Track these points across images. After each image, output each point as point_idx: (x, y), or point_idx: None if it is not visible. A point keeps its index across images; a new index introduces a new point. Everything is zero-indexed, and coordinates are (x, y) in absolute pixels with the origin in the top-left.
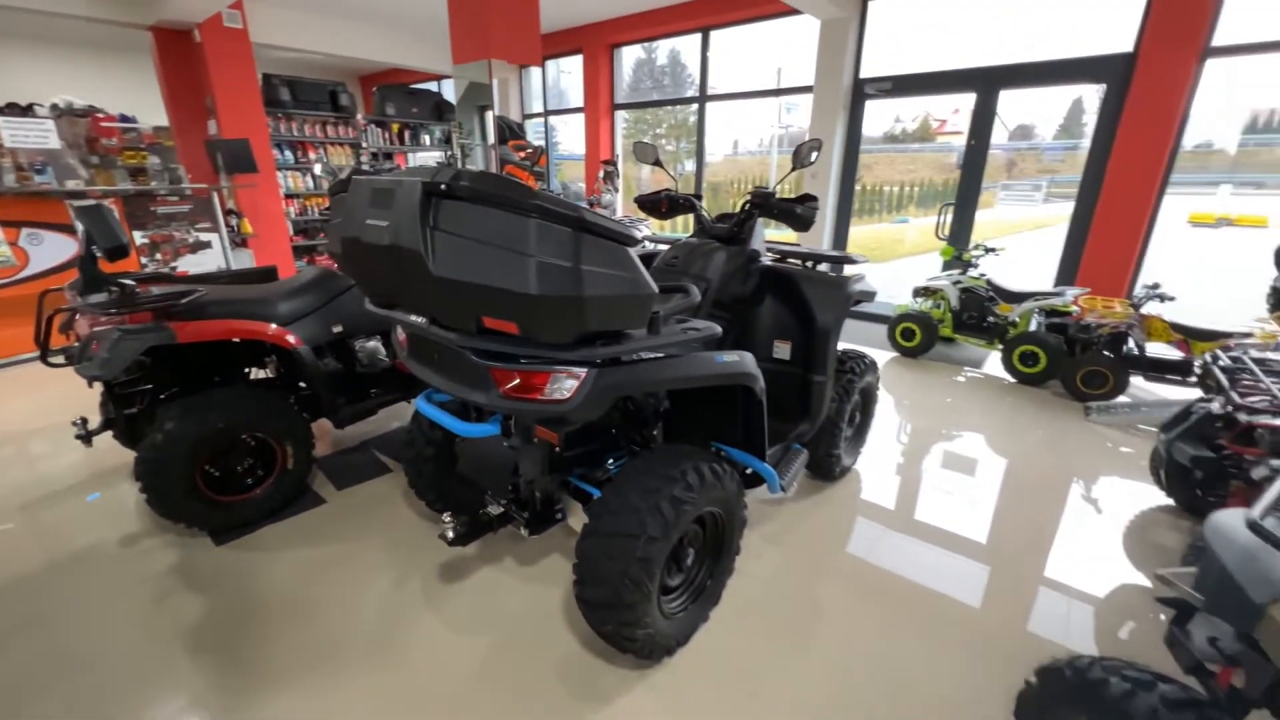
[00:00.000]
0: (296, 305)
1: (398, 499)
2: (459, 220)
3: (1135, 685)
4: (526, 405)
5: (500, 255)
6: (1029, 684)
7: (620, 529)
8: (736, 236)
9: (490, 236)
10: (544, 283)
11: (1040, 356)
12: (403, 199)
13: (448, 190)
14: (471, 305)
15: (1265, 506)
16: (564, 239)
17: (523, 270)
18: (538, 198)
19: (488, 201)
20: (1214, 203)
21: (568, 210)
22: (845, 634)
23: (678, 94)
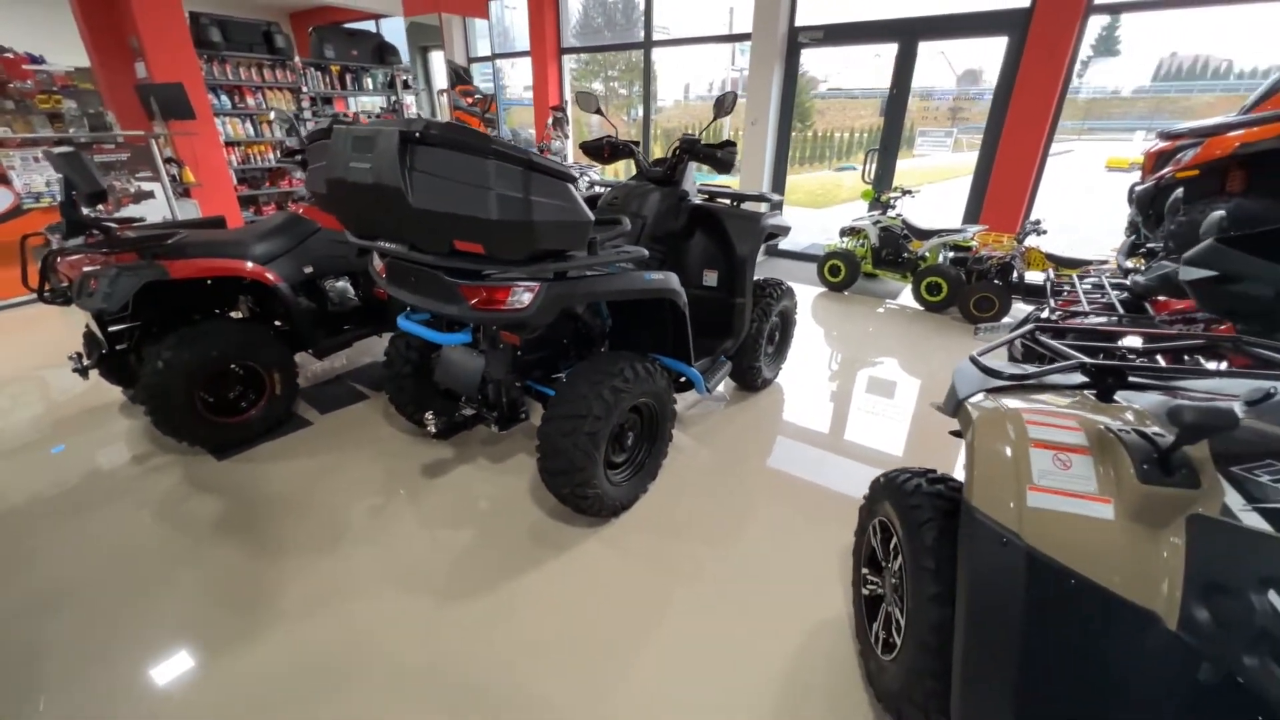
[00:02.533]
0: (270, 247)
1: (378, 419)
2: (431, 162)
3: (912, 476)
4: (492, 315)
5: (466, 189)
6: (866, 496)
7: (572, 412)
8: (669, 179)
9: (458, 174)
10: (502, 210)
11: (942, 286)
12: (383, 145)
13: (421, 137)
14: (445, 231)
15: (982, 350)
16: (516, 175)
17: (485, 200)
18: (494, 143)
19: (454, 146)
20: (1129, 149)
21: (518, 153)
22: (752, 502)
23: (631, 33)
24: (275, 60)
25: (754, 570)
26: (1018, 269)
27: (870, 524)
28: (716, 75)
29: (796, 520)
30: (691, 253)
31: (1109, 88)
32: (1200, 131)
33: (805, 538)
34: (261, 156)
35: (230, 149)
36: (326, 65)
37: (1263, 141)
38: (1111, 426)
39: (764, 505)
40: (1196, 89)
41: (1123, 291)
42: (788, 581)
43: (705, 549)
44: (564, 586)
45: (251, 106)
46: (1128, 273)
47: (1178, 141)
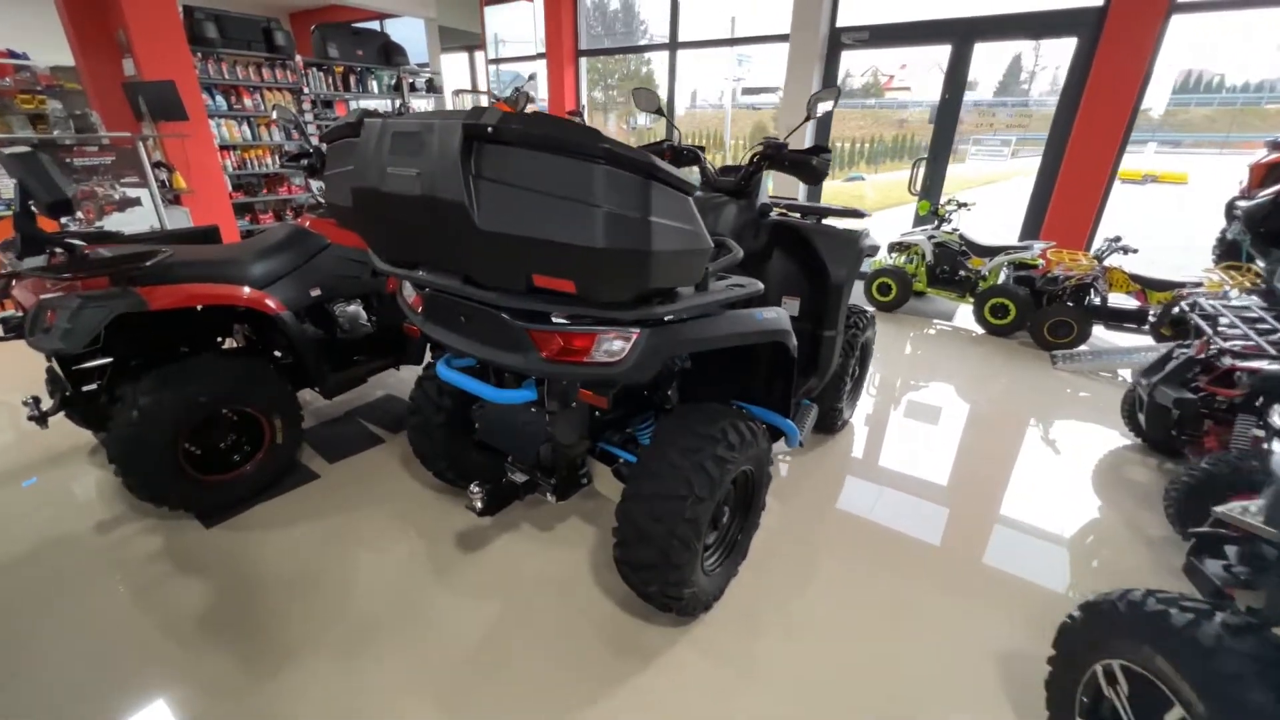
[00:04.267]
0: (271, 266)
1: (396, 468)
2: (508, 167)
3: (1196, 614)
4: (572, 369)
5: (560, 206)
6: (1072, 619)
7: (666, 491)
8: (744, 190)
9: (548, 185)
10: (611, 236)
11: (1010, 308)
12: (437, 144)
13: (495, 133)
14: (523, 262)
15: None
16: (633, 188)
17: (588, 222)
18: (607, 141)
19: (544, 146)
20: (1140, 160)
21: (638, 155)
22: (862, 580)
23: (629, 41)
24: (275, 59)
25: (896, 686)
26: (1100, 291)
27: (1098, 666)
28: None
29: (926, 599)
30: (769, 277)
31: None
32: None
33: (943, 626)
34: (259, 161)
35: (225, 153)
36: (330, 65)
37: None
38: None
39: (877, 580)
40: (1194, 102)
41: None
42: (942, 703)
43: (825, 652)
44: (658, 717)
45: (249, 108)
46: None
47: None
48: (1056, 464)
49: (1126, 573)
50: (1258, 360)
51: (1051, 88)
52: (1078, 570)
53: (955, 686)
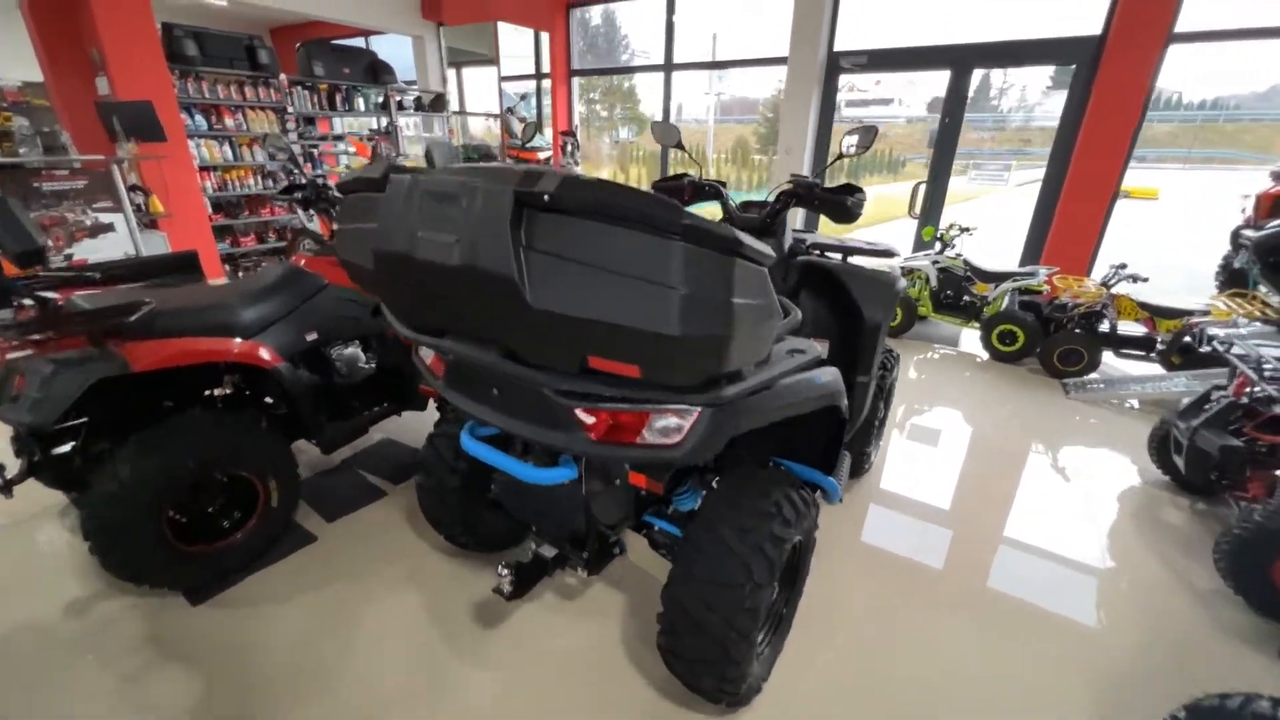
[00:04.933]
0: (265, 311)
1: (401, 526)
2: (567, 239)
3: None
4: (623, 450)
5: (628, 285)
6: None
7: (722, 577)
8: (769, 228)
9: (615, 262)
10: (689, 321)
11: (1019, 335)
12: (481, 209)
13: (553, 201)
14: (579, 344)
15: None
16: (715, 268)
17: (662, 306)
18: (687, 216)
19: (612, 218)
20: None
21: (721, 231)
22: (918, 644)
23: (612, 59)
24: (259, 77)
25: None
26: (1109, 318)
27: None
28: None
29: (979, 655)
30: None
31: None
32: None
33: (999, 687)
34: (240, 182)
35: (205, 174)
36: (315, 84)
37: None
38: None
39: (938, 644)
40: (1156, 118)
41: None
42: None
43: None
44: None
45: (230, 127)
46: None
47: None
48: (1090, 504)
49: (1179, 631)
50: None
51: (1019, 103)
52: (1128, 627)
53: None
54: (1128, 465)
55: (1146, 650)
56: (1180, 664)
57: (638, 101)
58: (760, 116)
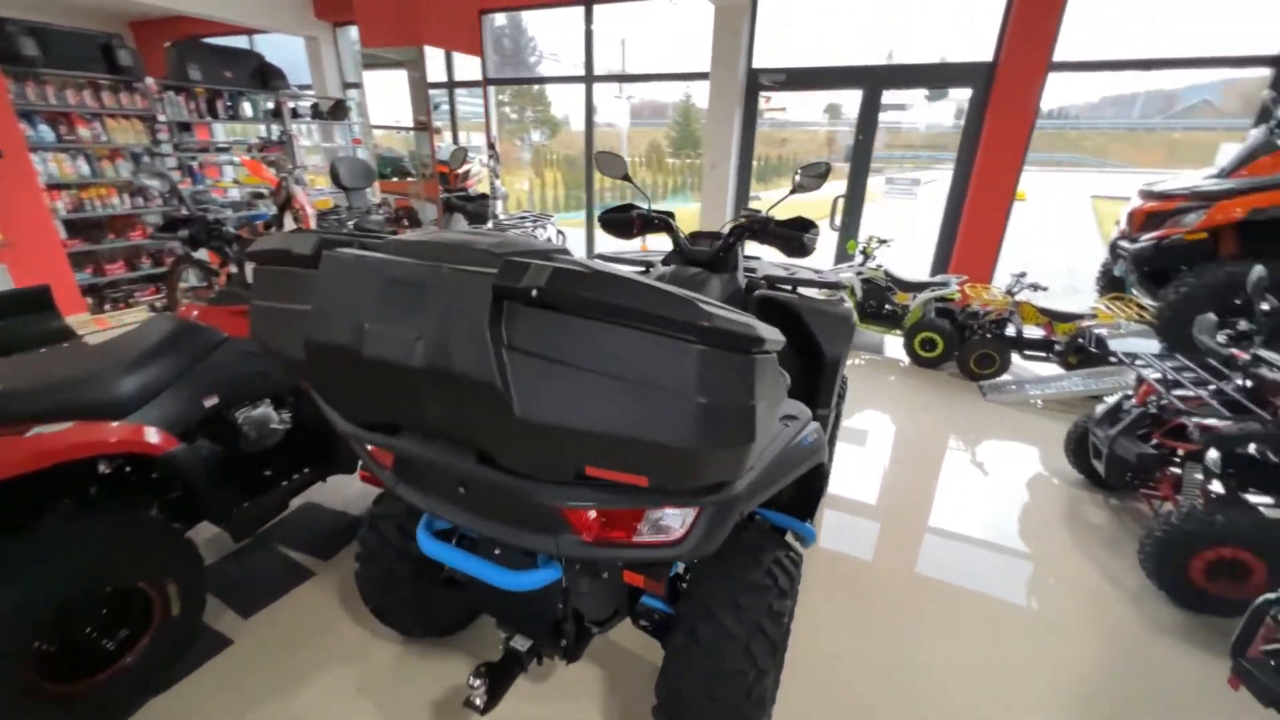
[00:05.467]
0: (147, 379)
1: (335, 614)
2: (560, 340)
3: None
4: (620, 552)
5: (636, 393)
6: None
7: (723, 666)
8: (722, 262)
9: (619, 367)
10: (709, 433)
11: (938, 342)
12: (452, 302)
13: (543, 296)
14: (575, 455)
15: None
16: (736, 370)
17: (678, 417)
18: (706, 316)
19: (616, 317)
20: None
21: (741, 329)
22: (849, 631)
23: (519, 60)
24: (119, 81)
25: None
26: (1015, 324)
27: None
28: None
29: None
30: None
31: None
32: (1201, 195)
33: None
34: (103, 201)
35: (55, 193)
36: (192, 88)
37: (1274, 209)
38: None
39: (873, 629)
40: (1049, 126)
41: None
42: None
43: None
44: None
45: (85, 139)
46: (1224, 357)
47: (1177, 203)
48: (1015, 502)
49: (1118, 629)
50: (1211, 419)
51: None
52: (1073, 627)
53: None
54: (1045, 465)
55: (1086, 644)
56: (1121, 657)
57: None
58: (671, 120)
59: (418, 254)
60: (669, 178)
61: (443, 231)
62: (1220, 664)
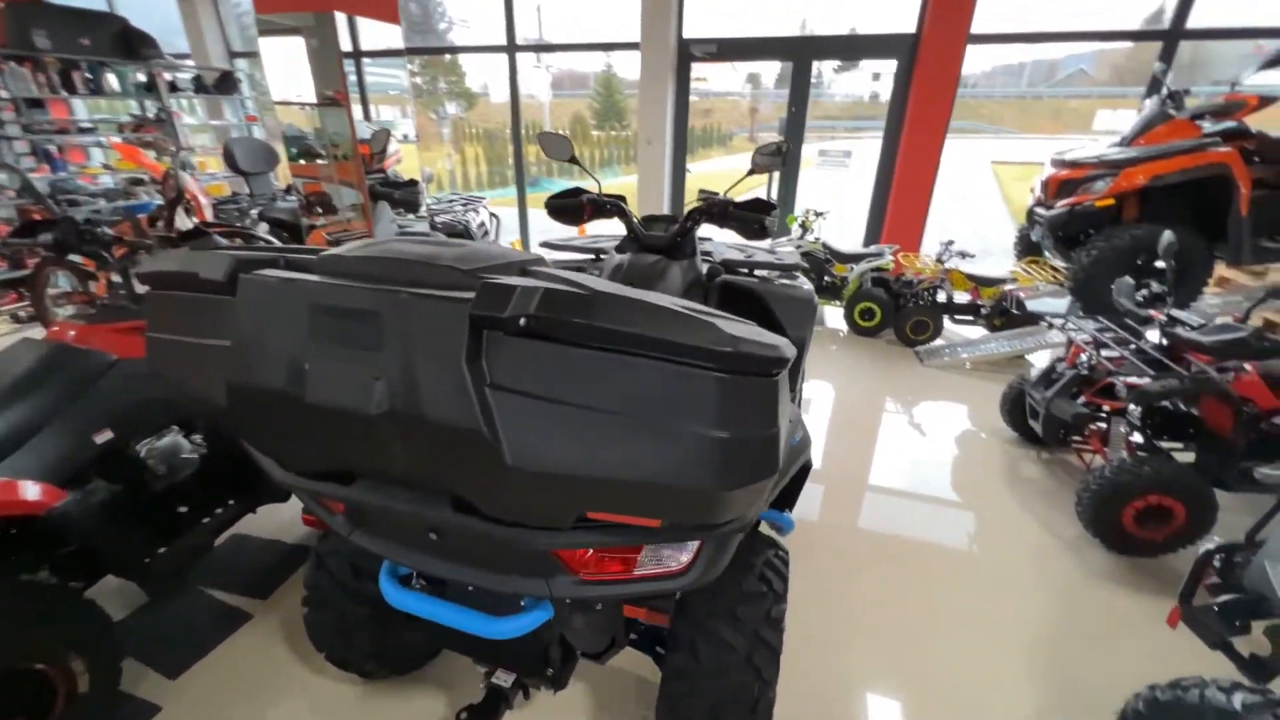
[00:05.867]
0: (15, 418)
1: (282, 661)
2: (553, 373)
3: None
4: (618, 588)
5: (647, 431)
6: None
7: (727, 684)
8: (681, 248)
9: (627, 403)
10: (734, 470)
11: (876, 312)
12: (418, 336)
13: (534, 323)
14: (576, 502)
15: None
16: (760, 396)
17: (698, 454)
18: (733, 340)
19: (623, 345)
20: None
21: (766, 351)
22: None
23: (426, 33)
24: None
25: None
26: (946, 291)
27: None
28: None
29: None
30: None
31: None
32: (1108, 163)
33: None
34: None
35: None
36: (40, 58)
37: (1171, 174)
38: None
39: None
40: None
41: (1117, 336)
42: None
43: None
44: None
45: None
46: (1143, 319)
47: (1086, 171)
48: (957, 460)
49: (1061, 578)
50: (1135, 377)
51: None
52: (1016, 575)
53: None
54: (981, 423)
55: (1032, 590)
56: (1063, 602)
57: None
58: (593, 91)
59: (363, 274)
60: (595, 151)
61: (391, 243)
62: (1151, 601)
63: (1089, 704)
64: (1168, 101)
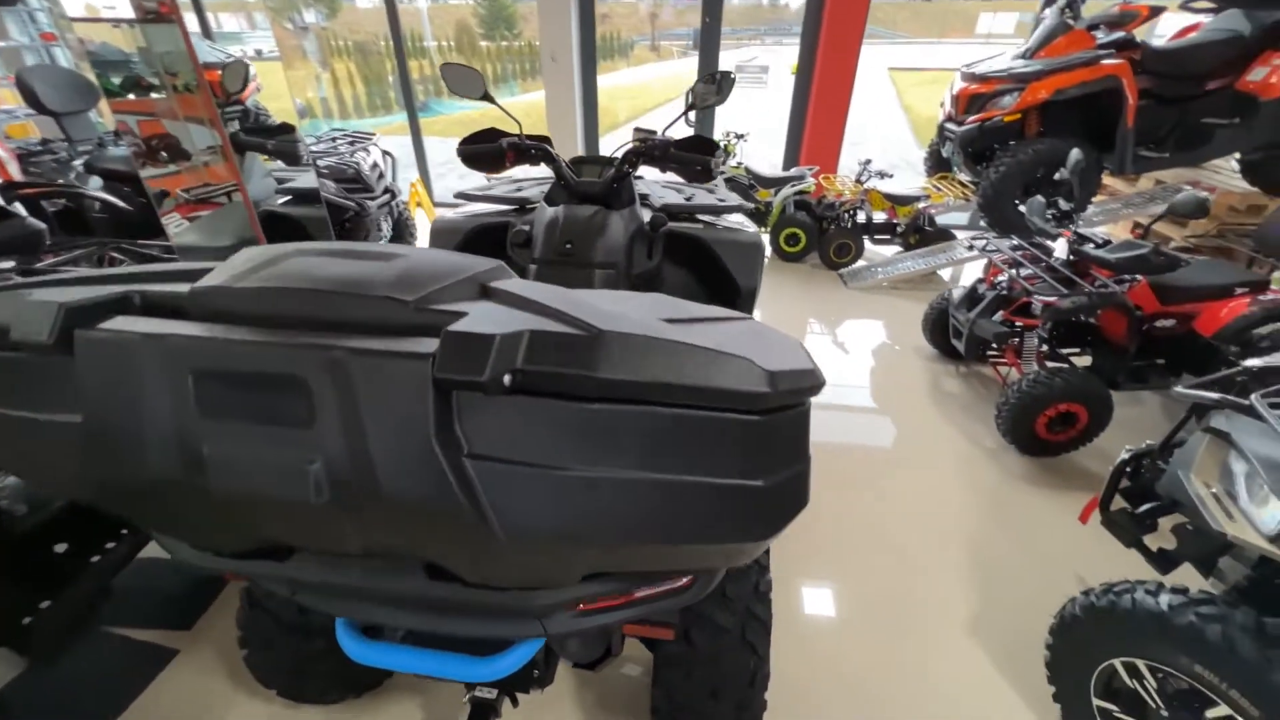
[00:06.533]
0: None
1: (220, 692)
2: (549, 435)
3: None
4: (618, 614)
5: (671, 490)
6: (1075, 618)
7: (722, 667)
8: (619, 195)
9: (642, 460)
10: (772, 519)
11: (800, 236)
12: (358, 400)
13: (522, 381)
14: (584, 565)
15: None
16: (796, 427)
17: (732, 509)
18: (774, 378)
19: (636, 395)
20: (785, 55)
21: (807, 376)
22: None
23: None
24: None
25: None
26: (866, 212)
27: (1116, 662)
28: None
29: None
30: (664, 292)
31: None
32: (1015, 77)
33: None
34: None
35: None
36: None
37: (1071, 88)
38: None
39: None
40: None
41: (1035, 253)
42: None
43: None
44: None
45: None
46: (1054, 236)
47: (995, 85)
48: (883, 376)
49: (983, 483)
50: (1050, 295)
51: None
52: (944, 483)
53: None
54: (904, 341)
55: (956, 491)
56: (989, 503)
57: None
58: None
59: (264, 316)
60: (485, 63)
61: (291, 259)
62: (1061, 497)
63: (1019, 597)
64: (1066, 11)
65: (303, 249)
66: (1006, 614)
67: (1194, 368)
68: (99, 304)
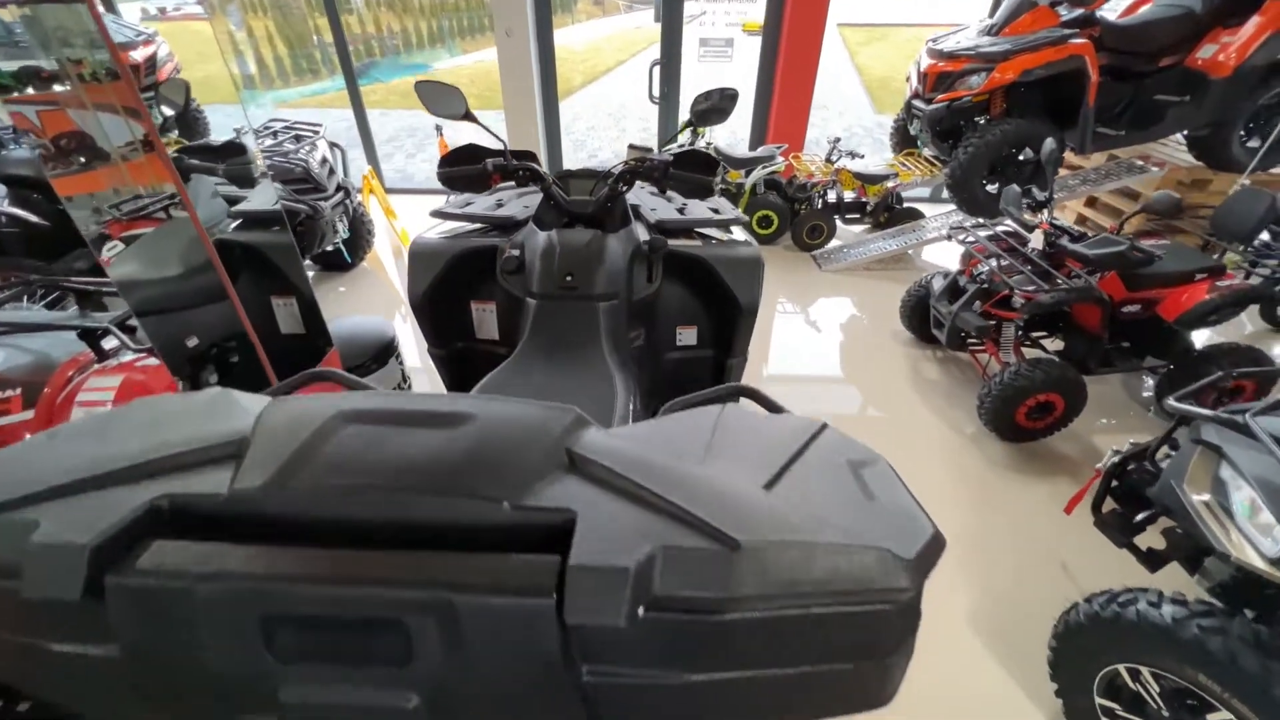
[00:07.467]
0: None
1: None
2: (671, 650)
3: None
4: None
5: (804, 682)
6: (1079, 624)
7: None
8: (613, 215)
9: (776, 661)
10: (892, 680)
11: (773, 219)
12: (469, 644)
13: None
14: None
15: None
16: (919, 581)
17: (866, 684)
18: (911, 574)
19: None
20: (759, 11)
21: (935, 547)
22: None
23: None
24: None
25: None
26: (837, 192)
27: (1119, 667)
28: None
29: None
30: (661, 311)
31: None
32: (983, 55)
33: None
34: None
35: None
36: None
37: (1038, 69)
38: None
39: None
40: None
41: (1007, 243)
42: None
43: None
44: None
45: None
46: (1030, 227)
47: (963, 64)
48: (862, 361)
49: (968, 471)
50: (1029, 287)
51: None
52: (930, 471)
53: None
54: (882, 326)
55: (947, 477)
56: (974, 489)
57: None
58: None
59: (324, 519)
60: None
61: (334, 429)
62: (1043, 484)
63: (1011, 586)
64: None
65: (342, 409)
66: (999, 605)
67: (1157, 350)
68: (127, 529)
